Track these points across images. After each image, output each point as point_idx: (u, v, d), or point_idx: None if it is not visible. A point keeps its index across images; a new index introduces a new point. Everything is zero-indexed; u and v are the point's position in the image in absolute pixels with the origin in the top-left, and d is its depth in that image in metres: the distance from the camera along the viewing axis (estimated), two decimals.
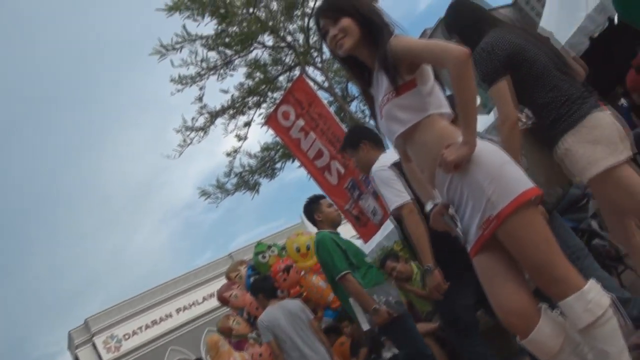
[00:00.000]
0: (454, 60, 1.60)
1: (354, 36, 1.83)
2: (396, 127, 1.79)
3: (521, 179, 1.64)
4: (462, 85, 1.61)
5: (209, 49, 11.14)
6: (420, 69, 1.76)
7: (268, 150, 12.11)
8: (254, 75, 11.92)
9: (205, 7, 10.54)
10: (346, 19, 1.84)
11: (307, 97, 5.28)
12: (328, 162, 4.78)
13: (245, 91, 11.76)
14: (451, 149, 1.63)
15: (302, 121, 4.96)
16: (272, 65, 12.02)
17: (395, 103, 1.76)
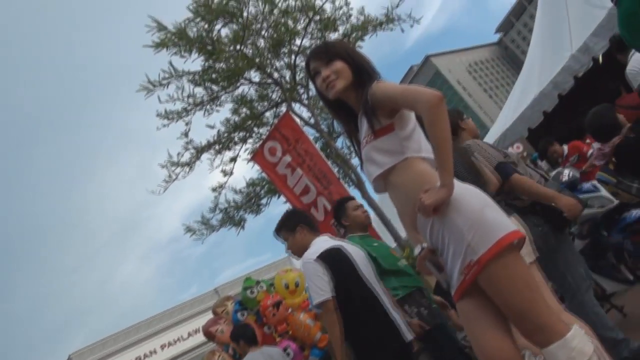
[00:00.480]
0: (426, 104, 1.62)
1: (346, 79, 1.90)
2: (373, 169, 1.83)
3: (502, 222, 1.63)
4: (435, 128, 1.63)
5: (196, 85, 11.28)
6: (399, 114, 1.80)
7: (254, 186, 12.13)
8: (240, 111, 12.06)
9: (192, 44, 10.72)
10: (339, 61, 1.92)
11: (294, 133, 5.37)
12: (315, 199, 4.84)
13: (232, 127, 11.87)
14: (429, 193, 1.64)
15: (288, 157, 5.03)
16: (258, 101, 12.20)
17: (373, 146, 1.80)
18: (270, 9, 11.21)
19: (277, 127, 5.58)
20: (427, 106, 1.63)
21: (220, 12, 10.59)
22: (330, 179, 5.14)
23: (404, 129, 1.80)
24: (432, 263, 1.75)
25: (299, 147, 5.25)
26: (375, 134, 1.80)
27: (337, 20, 11.60)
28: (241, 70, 11.12)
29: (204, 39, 10.76)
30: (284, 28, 11.38)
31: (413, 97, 1.68)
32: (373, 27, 11.66)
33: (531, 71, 8.42)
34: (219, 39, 11.02)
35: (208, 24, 10.74)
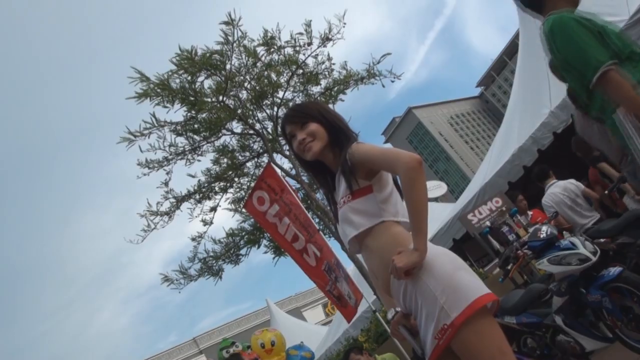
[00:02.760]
0: (404, 166, 1.67)
1: (322, 140, 1.96)
2: (349, 230, 1.85)
3: (475, 285, 1.64)
4: (412, 190, 1.66)
5: (178, 135, 11.59)
6: (378, 176, 1.86)
7: (233, 236, 12.30)
8: (221, 161, 12.36)
9: (175, 95, 11.10)
10: (314, 123, 1.97)
11: (279, 184, 5.68)
12: (304, 246, 5.11)
13: (212, 176, 12.14)
14: (401, 255, 1.66)
15: (276, 206, 5.33)
16: (239, 151, 12.54)
17: (350, 206, 1.84)
18: (253, 62, 11.72)
19: (262, 178, 5.86)
20: (405, 168, 1.66)
21: (204, 64, 11.05)
22: (313, 229, 5.44)
23: (382, 191, 1.84)
24: (405, 328, 1.77)
25: (285, 197, 5.55)
26: (353, 195, 1.83)
27: (319, 74, 12.18)
28: (223, 121, 11.53)
29: (186, 90, 11.15)
30: (267, 81, 11.90)
31: (392, 159, 1.72)
32: (355, 81, 12.27)
33: (511, 126, 8.73)
34: (201, 90, 11.44)
35: (191, 75, 11.18)
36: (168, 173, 11.70)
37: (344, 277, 5.18)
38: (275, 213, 5.32)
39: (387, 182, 1.88)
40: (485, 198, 7.45)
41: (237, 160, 12.42)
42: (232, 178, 12.41)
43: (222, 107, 11.52)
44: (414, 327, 1.74)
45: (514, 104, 9.11)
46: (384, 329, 7.50)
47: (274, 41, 11.56)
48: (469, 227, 6.97)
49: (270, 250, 12.15)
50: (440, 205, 13.47)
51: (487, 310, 1.62)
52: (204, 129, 11.70)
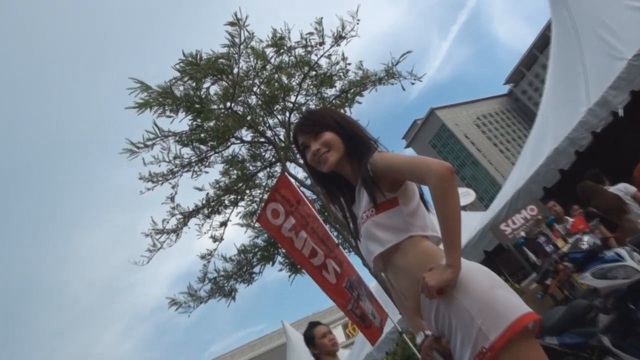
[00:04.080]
0: (435, 176, 1.66)
1: (338, 150, 1.97)
2: (374, 247, 1.84)
3: (514, 303, 1.62)
4: (443, 202, 1.66)
5: (183, 145, 11.71)
6: (403, 187, 1.86)
7: (245, 253, 12.34)
8: (230, 172, 12.47)
9: (179, 103, 11.20)
10: (328, 132, 1.98)
11: (294, 195, 5.68)
12: (324, 261, 5.10)
13: (222, 189, 12.24)
14: (433, 273, 1.66)
15: (292, 219, 5.33)
16: (250, 161, 12.65)
17: (374, 221, 1.84)
18: (262, 65, 11.82)
19: (276, 189, 5.85)
20: (436, 178, 1.66)
21: (209, 69, 11.17)
22: (332, 243, 5.43)
23: (409, 203, 1.84)
24: (438, 352, 1.74)
25: (301, 209, 5.54)
26: (377, 209, 1.83)
27: (333, 76, 12.26)
28: (231, 129, 11.63)
29: (191, 98, 11.28)
30: (278, 84, 12.00)
31: (420, 169, 1.72)
32: (372, 82, 12.30)
33: (544, 126, 8.63)
34: (207, 97, 11.57)
35: (196, 82, 11.31)
36: (174, 187, 11.83)
37: (366, 294, 5.16)
38: (291, 227, 5.32)
39: (414, 193, 1.88)
40: (518, 206, 7.36)
41: (248, 171, 12.52)
42: (243, 190, 12.50)
43: (230, 114, 11.63)
44: (447, 351, 1.72)
45: (547, 102, 9.01)
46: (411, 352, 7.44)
47: (284, 42, 11.66)
48: (501, 238, 6.89)
49: (286, 268, 12.18)
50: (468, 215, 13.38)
51: (529, 331, 1.59)
52: (211, 138, 11.82)
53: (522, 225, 6.72)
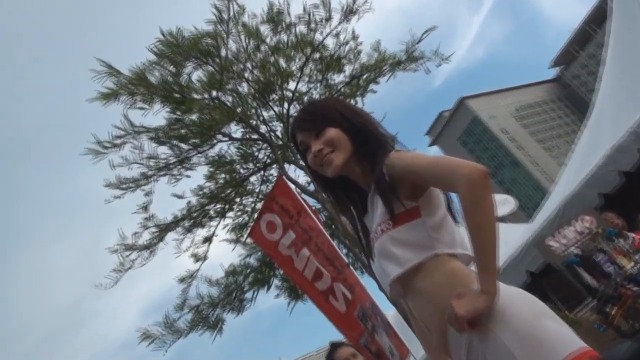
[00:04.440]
0: (465, 181, 1.64)
1: (345, 150, 1.98)
2: (391, 267, 1.84)
3: (565, 337, 1.60)
4: (476, 212, 1.64)
5: (159, 143, 11.76)
6: (427, 194, 1.86)
7: (234, 276, 12.35)
8: (216, 176, 12.51)
9: (154, 92, 11.21)
10: (332, 129, 1.99)
11: (294, 204, 5.66)
12: (330, 285, 5.07)
13: (206, 196, 12.26)
14: (463, 300, 1.64)
15: (292, 234, 5.30)
16: (240, 163, 12.70)
17: (391, 236, 1.84)
18: (255, 46, 11.87)
19: (272, 197, 5.83)
20: (467, 184, 1.65)
21: (192, 50, 11.19)
22: (341, 262, 5.40)
23: (433, 214, 1.84)
24: None
25: (303, 221, 5.53)
26: (394, 221, 1.84)
27: (342, 59, 12.29)
28: (218, 123, 11.64)
29: (169, 85, 11.31)
30: (274, 69, 12.04)
31: (447, 172, 1.71)
32: (390, 66, 12.30)
33: (602, 118, 8.58)
34: (189, 85, 11.61)
35: (175, 66, 11.34)
36: (147, 194, 11.88)
37: (383, 326, 5.13)
38: (290, 243, 5.30)
39: (439, 202, 1.88)
40: (570, 216, 7.33)
41: (238, 175, 12.57)
42: (232, 198, 12.55)
43: (217, 105, 11.67)
44: None
45: (605, 89, 8.95)
46: None
47: (282, 17, 11.70)
48: (549, 256, 6.86)
49: (284, 293, 12.19)
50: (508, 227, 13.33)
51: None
52: (193, 135, 11.88)
53: (574, 240, 6.69)
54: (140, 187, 11.75)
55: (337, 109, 2.03)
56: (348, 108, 2.08)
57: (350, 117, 2.01)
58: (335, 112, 2.01)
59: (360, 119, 2.03)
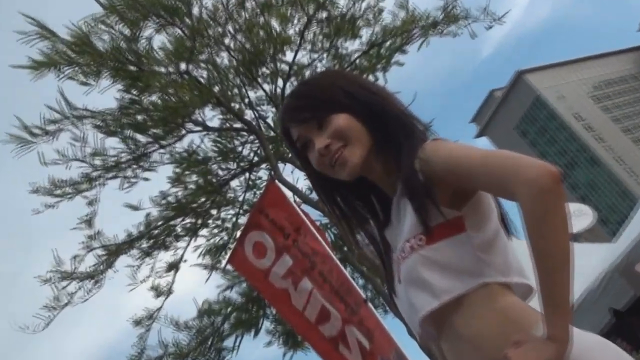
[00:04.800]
0: (528, 184, 1.60)
1: (362, 141, 1.97)
2: (422, 299, 1.84)
3: None
4: (543, 230, 1.60)
5: (108, 134, 11.73)
6: (474, 201, 1.86)
7: (210, 316, 12.36)
8: (185, 179, 12.55)
9: (101, 62, 11.16)
10: (340, 115, 1.98)
11: (292, 217, 5.66)
12: (341, 329, 5.07)
13: (171, 207, 12.29)
14: (523, 351, 1.59)
15: (288, 259, 5.30)
16: (218, 162, 12.75)
17: (424, 256, 1.82)
18: (239, 1, 11.89)
19: (260, 208, 5.81)
20: (531, 190, 1.60)
21: (153, 7, 11.16)
22: (356, 298, 5.39)
23: (482, 228, 1.84)
24: None
25: (303, 241, 5.52)
26: (429, 236, 1.82)
27: (357, 20, 12.29)
28: (188, 106, 11.64)
29: (122, 53, 11.26)
30: (265, 33, 12.06)
31: (503, 173, 1.68)
32: (422, 29, 12.25)
33: None
34: (149, 54, 11.59)
35: (131, 27, 11.30)
36: (91, 203, 11.88)
37: None
38: (286, 271, 5.30)
39: (489, 211, 1.88)
40: None
41: (215, 178, 12.61)
42: (207, 210, 12.59)
43: (186, 82, 11.65)
44: None
45: None
46: None
47: None
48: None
49: (278, 340, 12.19)
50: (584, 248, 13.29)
51: None
52: (154, 123, 11.92)
53: None
54: (82, 194, 11.75)
55: (342, 86, 2.02)
56: (357, 83, 2.08)
57: (362, 96, 2.00)
58: (340, 91, 2.00)
59: (377, 96, 2.02)
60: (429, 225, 1.81)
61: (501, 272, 1.80)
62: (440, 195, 1.82)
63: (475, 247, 1.80)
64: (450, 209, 1.82)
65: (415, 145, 1.88)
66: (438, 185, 1.82)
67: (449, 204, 1.83)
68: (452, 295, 1.78)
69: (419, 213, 1.82)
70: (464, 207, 1.84)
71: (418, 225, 1.83)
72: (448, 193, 1.84)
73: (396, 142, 1.94)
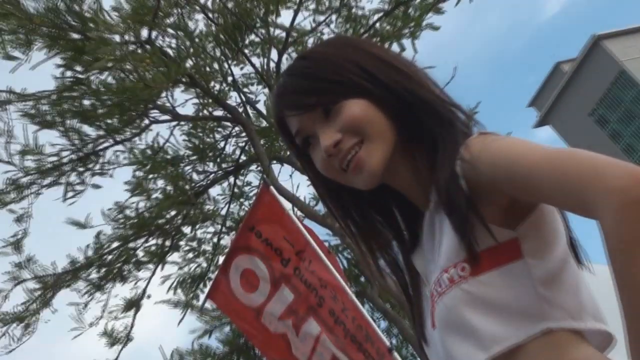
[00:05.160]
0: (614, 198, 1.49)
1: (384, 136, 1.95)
2: (465, 350, 1.81)
3: None
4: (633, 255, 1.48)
5: (43, 125, 11.79)
6: (534, 217, 1.81)
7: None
8: (148, 185, 12.63)
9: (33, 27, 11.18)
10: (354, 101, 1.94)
11: (292, 236, 5.69)
12: None
13: (130, 224, 12.34)
14: None
15: (287, 292, 5.34)
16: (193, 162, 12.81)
17: (468, 292, 1.78)
18: None
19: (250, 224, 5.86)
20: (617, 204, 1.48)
21: None
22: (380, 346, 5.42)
23: (546, 255, 1.78)
24: None
25: (306, 267, 5.55)
26: (475, 264, 1.78)
27: None
28: (153, 88, 11.65)
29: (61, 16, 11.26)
30: None
31: (577, 179, 1.57)
32: None
33: None
34: (97, 17, 11.58)
35: None
36: (21, 219, 11.94)
37: None
38: (284, 310, 5.36)
39: (555, 231, 1.82)
40: None
41: (188, 184, 12.64)
42: (178, 227, 12.66)
43: (149, 54, 11.67)
44: None
45: None
46: None
47: None
48: None
49: None
50: None
51: None
52: (106, 111, 11.96)
53: None
54: (6, 207, 11.83)
55: (357, 60, 1.98)
56: (377, 56, 2.02)
57: (384, 74, 1.96)
58: (354, 68, 1.96)
59: (403, 74, 1.98)
60: (475, 251, 1.75)
61: (571, 314, 1.73)
62: (489, 210, 1.77)
63: (535, 280, 1.73)
64: (503, 228, 1.77)
65: (457, 142, 1.84)
66: (487, 196, 1.77)
67: (501, 221, 1.78)
68: (505, 345, 1.71)
69: (462, 234, 1.76)
70: (520, 226, 1.78)
71: (460, 251, 1.77)
72: (500, 207, 1.80)
73: (430, 137, 1.91)
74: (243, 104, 12.67)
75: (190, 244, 12.88)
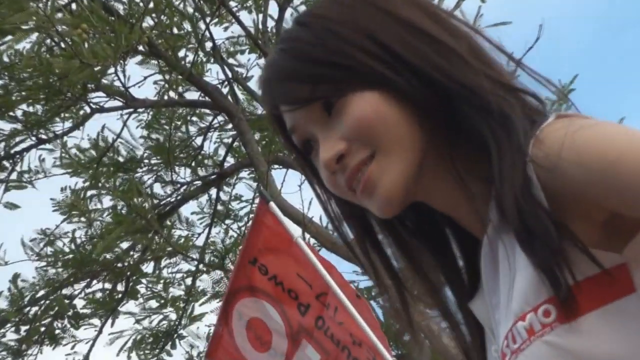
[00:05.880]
0: None
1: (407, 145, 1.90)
2: None
3: None
4: None
5: None
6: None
7: None
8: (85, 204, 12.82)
9: None
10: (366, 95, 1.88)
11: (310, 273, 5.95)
12: None
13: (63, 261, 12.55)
14: None
15: (312, 353, 5.66)
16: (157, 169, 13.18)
17: (557, 347, 1.68)
18: None
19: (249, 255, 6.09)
20: None
21: None
22: None
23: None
24: None
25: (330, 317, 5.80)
26: (566, 305, 1.65)
27: None
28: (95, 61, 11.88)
29: None
30: None
31: None
32: None
33: None
34: None
35: None
36: None
37: None
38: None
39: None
40: None
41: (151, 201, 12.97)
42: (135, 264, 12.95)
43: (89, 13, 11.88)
44: None
45: None
46: None
47: None
48: None
49: None
50: None
51: None
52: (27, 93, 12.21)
53: None
54: None
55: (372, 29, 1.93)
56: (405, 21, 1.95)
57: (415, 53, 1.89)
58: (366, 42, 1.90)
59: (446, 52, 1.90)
60: (565, 285, 1.63)
61: None
62: (579, 227, 1.68)
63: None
64: (602, 250, 1.67)
65: (524, 133, 1.73)
66: (573, 209, 1.71)
67: (599, 241, 1.69)
68: None
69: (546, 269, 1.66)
70: (628, 247, 1.69)
71: (541, 287, 1.68)
72: (595, 222, 1.72)
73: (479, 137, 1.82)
74: (228, 81, 12.89)
75: (152, 288, 13.19)
